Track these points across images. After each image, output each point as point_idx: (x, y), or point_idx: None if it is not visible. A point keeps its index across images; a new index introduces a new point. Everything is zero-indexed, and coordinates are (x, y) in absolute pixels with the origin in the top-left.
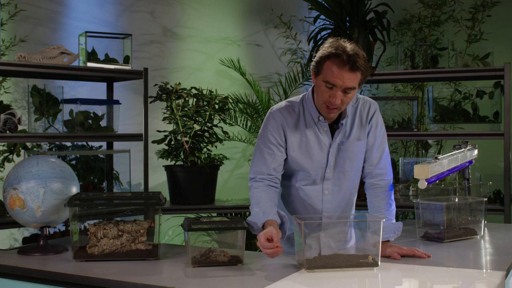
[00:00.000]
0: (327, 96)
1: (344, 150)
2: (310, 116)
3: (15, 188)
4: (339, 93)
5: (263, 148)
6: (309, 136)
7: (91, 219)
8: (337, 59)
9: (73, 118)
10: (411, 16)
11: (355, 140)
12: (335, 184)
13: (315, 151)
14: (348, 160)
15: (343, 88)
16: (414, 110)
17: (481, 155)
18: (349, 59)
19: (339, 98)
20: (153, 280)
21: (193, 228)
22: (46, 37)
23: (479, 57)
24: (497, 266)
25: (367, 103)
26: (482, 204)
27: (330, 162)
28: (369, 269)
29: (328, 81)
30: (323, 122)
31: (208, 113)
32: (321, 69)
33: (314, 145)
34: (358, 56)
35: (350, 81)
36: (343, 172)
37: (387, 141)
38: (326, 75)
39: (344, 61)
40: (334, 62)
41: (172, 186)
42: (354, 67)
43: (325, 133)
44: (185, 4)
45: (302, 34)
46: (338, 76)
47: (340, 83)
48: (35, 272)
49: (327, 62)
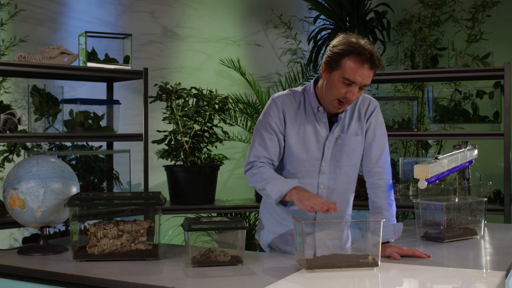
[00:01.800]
0: (343, 92)
1: (341, 144)
2: (310, 106)
3: (15, 188)
4: (356, 89)
5: (264, 133)
6: (307, 126)
7: (91, 219)
8: (359, 57)
9: (73, 118)
10: (411, 16)
11: (353, 134)
12: (330, 179)
13: (311, 142)
14: (345, 154)
15: (361, 85)
16: (414, 110)
17: (481, 155)
18: (371, 57)
19: (355, 94)
20: (153, 280)
21: (193, 228)
22: (46, 37)
23: (479, 57)
24: (497, 266)
25: (367, 99)
26: (482, 204)
27: (326, 156)
28: (369, 269)
29: (349, 78)
30: (322, 113)
31: (208, 113)
32: (338, 65)
33: (311, 135)
34: (376, 54)
35: (368, 78)
36: (339, 167)
37: (388, 141)
38: (346, 71)
39: (367, 59)
40: (355, 59)
41: (172, 186)
42: (374, 65)
43: (323, 125)
44: (185, 4)
45: (302, 34)
46: (359, 73)
47: (360, 80)
48: (35, 272)
49: (346, 58)
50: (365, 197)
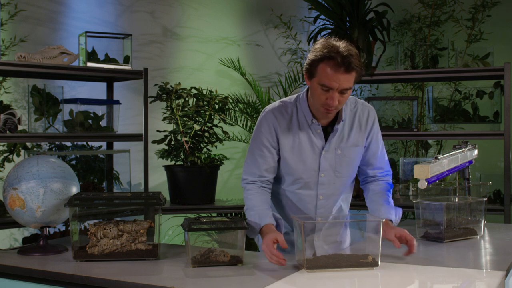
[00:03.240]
0: (324, 99)
1: (341, 155)
2: (303, 117)
3: (15, 188)
4: (336, 94)
5: (255, 150)
6: (302, 138)
7: (91, 219)
8: (331, 62)
9: (73, 118)
10: (411, 16)
11: (353, 146)
12: (329, 189)
13: (307, 153)
14: (345, 165)
15: (339, 89)
16: (414, 110)
17: (481, 155)
18: (343, 61)
19: (336, 99)
20: (153, 280)
21: (193, 228)
22: (46, 37)
23: (479, 57)
24: (497, 266)
25: (366, 109)
26: (482, 204)
27: (324, 166)
28: (369, 269)
29: (324, 84)
30: (316, 124)
31: (208, 113)
32: (314, 72)
33: (307, 147)
34: (352, 56)
35: (346, 82)
36: (339, 177)
37: (386, 141)
38: (321, 78)
39: (339, 63)
40: (328, 64)
41: (172, 186)
42: (349, 68)
43: (318, 136)
44: (185, 4)
45: (302, 34)
46: (334, 79)
47: (337, 85)
48: (35, 272)
49: (320, 64)
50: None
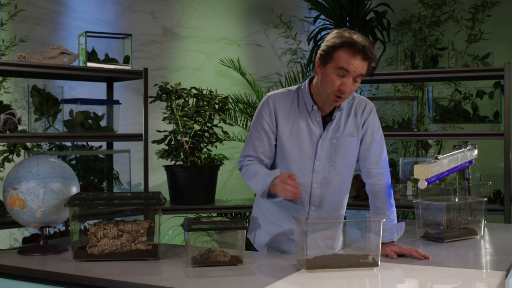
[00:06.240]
0: (337, 84)
1: (336, 145)
2: (304, 105)
3: (15, 188)
4: (350, 80)
5: (253, 132)
6: (301, 125)
7: (91, 219)
8: (351, 48)
9: (73, 118)
10: (411, 16)
11: (348, 135)
12: (324, 178)
13: (305, 140)
14: (340, 155)
15: (355, 75)
16: (414, 110)
17: (481, 155)
18: (363, 49)
19: (349, 85)
20: (153, 280)
21: (193, 228)
22: (46, 37)
23: (479, 57)
24: (497, 266)
25: (363, 101)
26: (482, 204)
27: (320, 155)
28: (369, 269)
29: (342, 67)
30: (316, 112)
31: (208, 113)
32: (331, 57)
33: (305, 134)
34: (369, 46)
35: (362, 68)
36: (333, 166)
37: (386, 141)
38: (339, 62)
39: (359, 50)
40: (348, 50)
41: (172, 186)
42: (366, 57)
43: (317, 124)
44: (185, 4)
45: (302, 34)
46: (353, 63)
47: (354, 69)
48: (35, 272)
49: (339, 50)
50: (365, 197)
